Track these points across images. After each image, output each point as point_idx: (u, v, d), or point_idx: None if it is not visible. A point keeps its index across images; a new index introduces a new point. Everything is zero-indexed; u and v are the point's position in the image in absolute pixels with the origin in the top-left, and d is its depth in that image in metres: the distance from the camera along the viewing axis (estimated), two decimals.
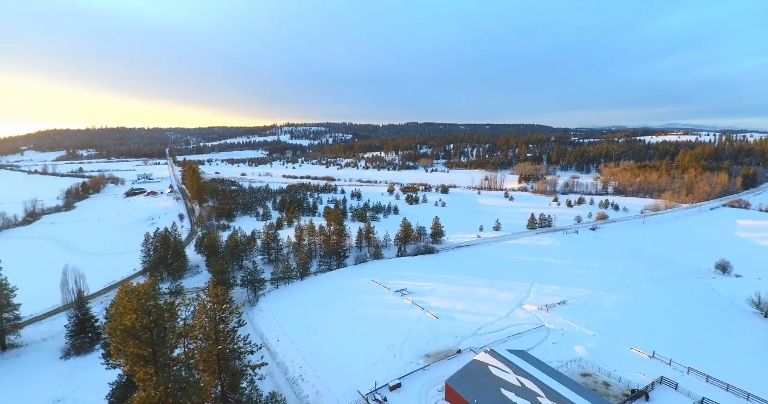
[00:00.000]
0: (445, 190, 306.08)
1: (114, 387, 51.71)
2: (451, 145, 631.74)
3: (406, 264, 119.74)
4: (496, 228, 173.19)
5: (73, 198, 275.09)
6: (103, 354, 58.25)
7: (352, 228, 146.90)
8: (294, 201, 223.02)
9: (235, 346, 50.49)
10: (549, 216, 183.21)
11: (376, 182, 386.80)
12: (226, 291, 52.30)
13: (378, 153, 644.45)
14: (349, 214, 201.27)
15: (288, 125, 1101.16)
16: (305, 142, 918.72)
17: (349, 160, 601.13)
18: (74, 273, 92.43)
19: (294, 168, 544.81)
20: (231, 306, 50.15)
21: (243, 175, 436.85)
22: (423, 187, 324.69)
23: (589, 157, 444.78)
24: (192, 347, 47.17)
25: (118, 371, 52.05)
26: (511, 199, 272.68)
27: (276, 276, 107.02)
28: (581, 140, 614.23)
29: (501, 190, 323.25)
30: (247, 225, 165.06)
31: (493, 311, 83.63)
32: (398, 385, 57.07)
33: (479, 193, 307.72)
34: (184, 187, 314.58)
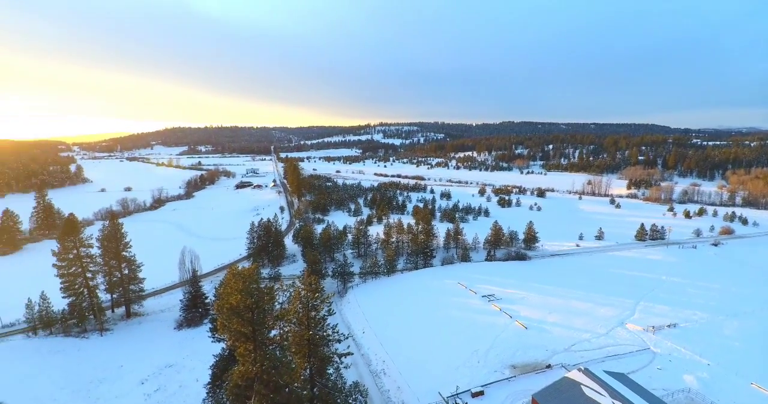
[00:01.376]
0: (541, 193, 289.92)
1: (218, 358, 57.21)
2: (551, 146, 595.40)
3: (496, 269, 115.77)
4: (599, 237, 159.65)
5: (192, 188, 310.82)
6: (210, 328, 64.86)
7: (440, 228, 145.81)
8: (384, 198, 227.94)
9: (324, 333, 53.00)
10: (662, 227, 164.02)
11: (466, 183, 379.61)
12: (319, 280, 55.07)
13: (470, 153, 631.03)
14: (438, 214, 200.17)
15: (381, 125, 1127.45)
16: (397, 141, 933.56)
17: (439, 160, 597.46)
18: (190, 254, 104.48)
19: (385, 166, 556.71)
20: (322, 296, 52.70)
21: (338, 172, 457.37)
22: (517, 190, 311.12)
23: (714, 162, 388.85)
24: (286, 330, 50.51)
25: (222, 345, 57.53)
26: (618, 206, 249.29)
27: (364, 270, 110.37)
28: (705, 143, 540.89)
29: (606, 195, 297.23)
30: (339, 219, 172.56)
31: (589, 327, 77.34)
32: (481, 393, 55.42)
33: (580, 198, 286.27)
34: (285, 181, 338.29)
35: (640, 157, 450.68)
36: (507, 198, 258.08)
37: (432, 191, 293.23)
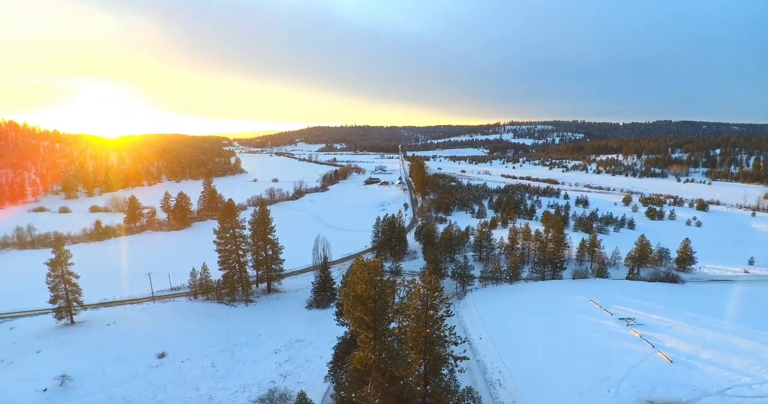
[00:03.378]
0: (702, 206, 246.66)
1: (340, 341, 61.03)
2: (717, 150, 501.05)
3: (638, 289, 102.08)
4: None
5: (327, 182, 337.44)
6: (335, 312, 69.55)
7: (574, 238, 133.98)
8: (511, 201, 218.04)
9: (441, 333, 52.78)
10: None
11: (608, 189, 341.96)
12: (438, 280, 55.00)
13: (614, 156, 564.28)
14: (572, 223, 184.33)
15: (511, 123, 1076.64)
16: (528, 141, 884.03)
17: (577, 163, 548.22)
18: (323, 242, 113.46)
19: (514, 168, 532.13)
20: (441, 296, 52.49)
21: (463, 172, 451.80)
22: (671, 200, 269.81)
23: None
24: (405, 324, 51.56)
25: (345, 329, 61.20)
26: None
27: (485, 275, 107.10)
28: None
29: None
30: (462, 220, 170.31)
31: (752, 370, 63.27)
32: None
33: (754, 214, 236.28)
34: (410, 179, 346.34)
35: None
36: (658, 209, 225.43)
37: (566, 196, 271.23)
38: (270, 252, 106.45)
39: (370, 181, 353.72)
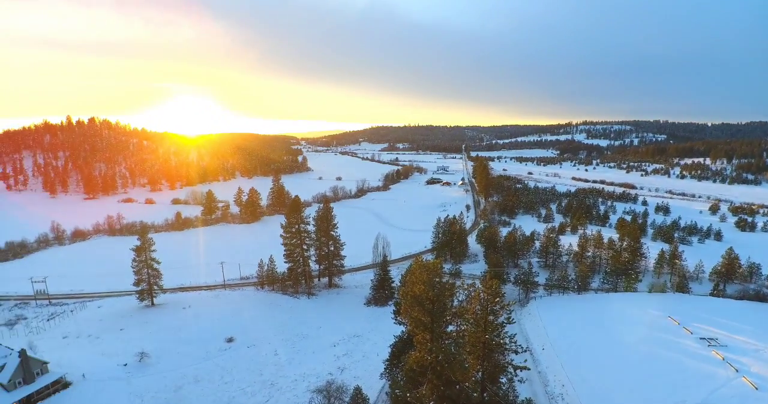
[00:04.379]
0: None
1: (397, 339, 61.20)
2: None
3: (723, 307, 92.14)
4: None
5: (389, 181, 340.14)
6: (393, 311, 69.85)
7: (652, 248, 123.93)
8: (581, 206, 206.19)
9: (501, 341, 51.07)
10: None
11: (692, 196, 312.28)
12: (500, 285, 53.28)
13: (700, 159, 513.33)
14: (650, 231, 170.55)
15: (585, 123, 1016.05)
16: (603, 143, 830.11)
17: (658, 166, 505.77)
18: (383, 240, 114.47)
19: (586, 170, 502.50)
20: (502, 302, 50.79)
21: (529, 173, 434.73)
22: (765, 210, 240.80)
23: None
24: (463, 328, 50.59)
25: (402, 328, 61.28)
26: None
27: (551, 283, 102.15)
28: None
29: None
30: (527, 224, 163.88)
31: None
32: None
33: None
34: (473, 180, 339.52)
35: None
36: (750, 220, 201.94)
37: (644, 203, 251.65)
38: (332, 248, 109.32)
39: (431, 181, 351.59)
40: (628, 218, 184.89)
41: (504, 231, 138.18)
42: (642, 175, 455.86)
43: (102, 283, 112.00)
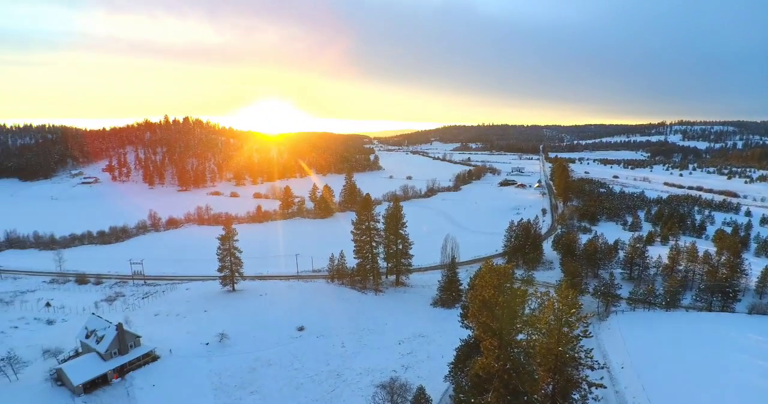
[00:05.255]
0: None
1: (463, 343, 60.02)
2: None
3: None
4: None
5: (460, 181, 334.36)
6: (460, 313, 68.57)
7: (754, 265, 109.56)
8: (674, 215, 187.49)
9: (575, 354, 48.11)
10: None
11: None
12: (577, 296, 50.13)
13: None
14: (753, 246, 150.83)
15: (680, 123, 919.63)
16: (702, 145, 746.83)
17: (765, 173, 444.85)
18: (452, 242, 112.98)
19: (681, 175, 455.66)
20: (579, 313, 47.75)
21: (615, 177, 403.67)
22: None
23: None
24: (534, 338, 48.30)
25: (469, 332, 59.94)
26: None
27: (635, 296, 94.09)
28: None
29: None
30: (610, 232, 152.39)
31: None
32: None
33: None
34: (551, 183, 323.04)
35: None
36: None
37: (748, 213, 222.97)
38: (400, 247, 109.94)
39: (505, 183, 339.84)
40: (728, 230, 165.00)
41: (584, 239, 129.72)
42: (746, 182, 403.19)
43: (190, 268, 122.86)
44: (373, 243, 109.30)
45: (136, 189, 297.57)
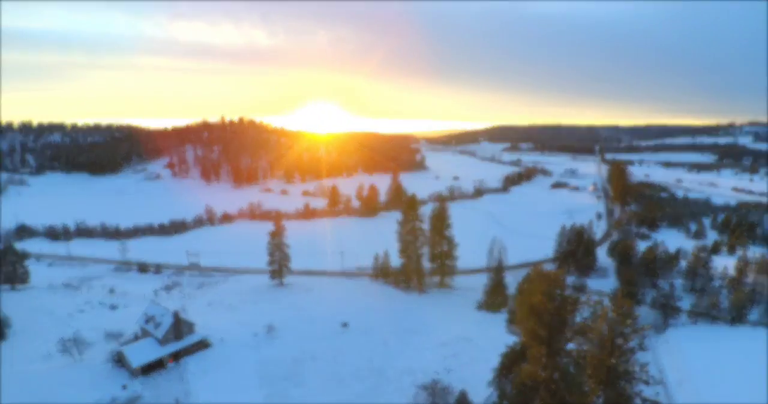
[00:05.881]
0: None
1: (509, 349, 58.65)
2: None
3: None
4: None
5: (509, 183, 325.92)
6: (507, 319, 67.27)
7: None
8: (743, 223, 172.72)
9: (629, 368, 45.76)
10: None
11: None
12: (632, 306, 47.58)
13: None
14: None
15: (751, 124, 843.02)
16: None
17: None
18: (498, 244, 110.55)
19: (751, 180, 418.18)
20: (634, 325, 45.32)
21: (678, 181, 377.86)
22: None
23: None
24: (584, 348, 46.47)
25: (515, 338, 58.56)
26: None
27: (697, 310, 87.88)
28: None
29: None
30: (671, 240, 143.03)
31: None
32: None
33: None
34: (607, 186, 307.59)
35: None
36: None
37: None
38: (445, 248, 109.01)
39: (557, 185, 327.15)
40: None
41: (642, 246, 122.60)
42: None
43: (242, 261, 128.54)
44: (418, 244, 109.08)
45: (193, 185, 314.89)
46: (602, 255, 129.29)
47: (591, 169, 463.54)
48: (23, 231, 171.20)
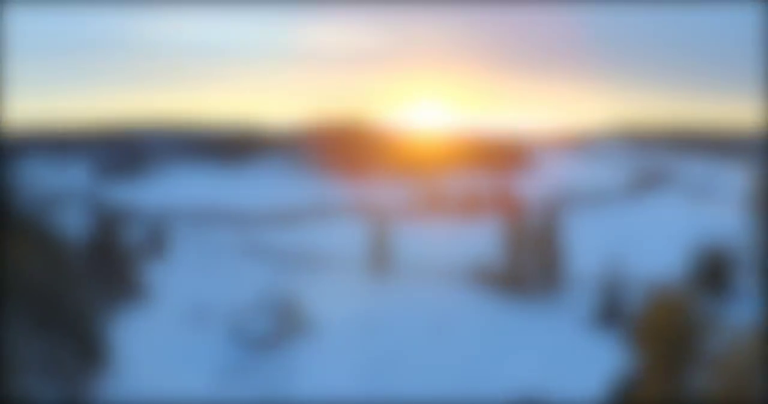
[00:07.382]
0: None
1: (622, 372, 54.58)
2: None
3: None
4: None
5: (638, 187, 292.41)
6: (623, 338, 62.13)
7: None
8: None
9: None
10: None
11: None
12: None
13: None
14: None
15: None
16: None
17: None
18: (617, 255, 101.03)
19: None
20: None
21: None
22: None
23: None
24: (716, 384, 41.63)
25: (631, 360, 54.18)
26: None
27: None
28: None
29: None
30: None
31: None
32: None
33: None
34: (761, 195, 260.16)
35: None
36: None
37: None
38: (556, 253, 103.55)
39: (696, 192, 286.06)
40: None
41: None
42: None
43: None
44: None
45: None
46: (749, 278, 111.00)
47: (738, 173, 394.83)
48: None
